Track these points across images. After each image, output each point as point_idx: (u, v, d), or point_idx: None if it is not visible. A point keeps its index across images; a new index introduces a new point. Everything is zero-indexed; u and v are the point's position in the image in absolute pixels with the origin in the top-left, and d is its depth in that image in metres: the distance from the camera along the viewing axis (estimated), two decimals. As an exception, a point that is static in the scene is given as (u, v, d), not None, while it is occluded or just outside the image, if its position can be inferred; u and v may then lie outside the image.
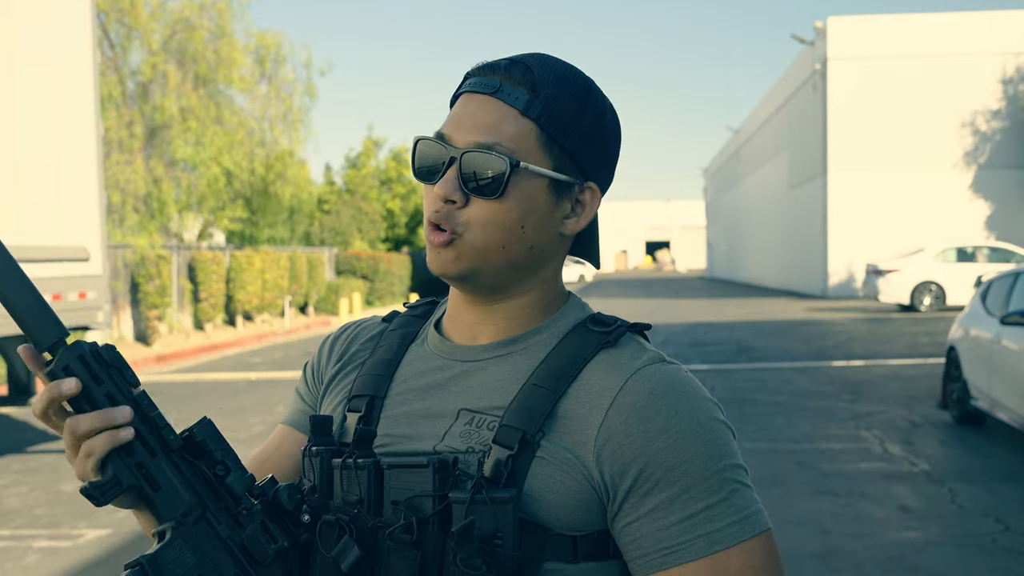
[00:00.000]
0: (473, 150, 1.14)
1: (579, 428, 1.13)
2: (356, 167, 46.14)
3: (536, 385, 1.16)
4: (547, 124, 1.17)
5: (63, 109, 8.27)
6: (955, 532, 5.98)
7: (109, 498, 1.03)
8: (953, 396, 9.39)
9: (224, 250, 23.90)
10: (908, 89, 30.69)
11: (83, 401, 1.04)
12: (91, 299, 8.50)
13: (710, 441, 1.11)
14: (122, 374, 1.05)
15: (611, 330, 1.20)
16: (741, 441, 8.47)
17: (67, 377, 1.03)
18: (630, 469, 1.10)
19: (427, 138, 1.19)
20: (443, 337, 1.27)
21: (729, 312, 25.97)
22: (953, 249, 23.88)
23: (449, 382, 1.22)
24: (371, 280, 32.90)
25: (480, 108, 1.17)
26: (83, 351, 1.03)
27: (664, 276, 67.93)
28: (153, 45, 21.57)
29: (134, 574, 1.01)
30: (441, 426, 1.18)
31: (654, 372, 1.15)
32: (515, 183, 1.15)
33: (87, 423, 1.03)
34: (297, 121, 25.10)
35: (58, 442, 9.36)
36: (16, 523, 6.57)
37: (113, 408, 1.03)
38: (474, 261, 1.17)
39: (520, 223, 1.17)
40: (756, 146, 46.55)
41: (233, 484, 1.06)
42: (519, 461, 1.11)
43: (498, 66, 1.18)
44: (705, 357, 15.10)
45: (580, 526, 1.12)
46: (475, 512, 1.08)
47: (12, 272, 1.04)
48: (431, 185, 1.18)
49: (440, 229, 1.17)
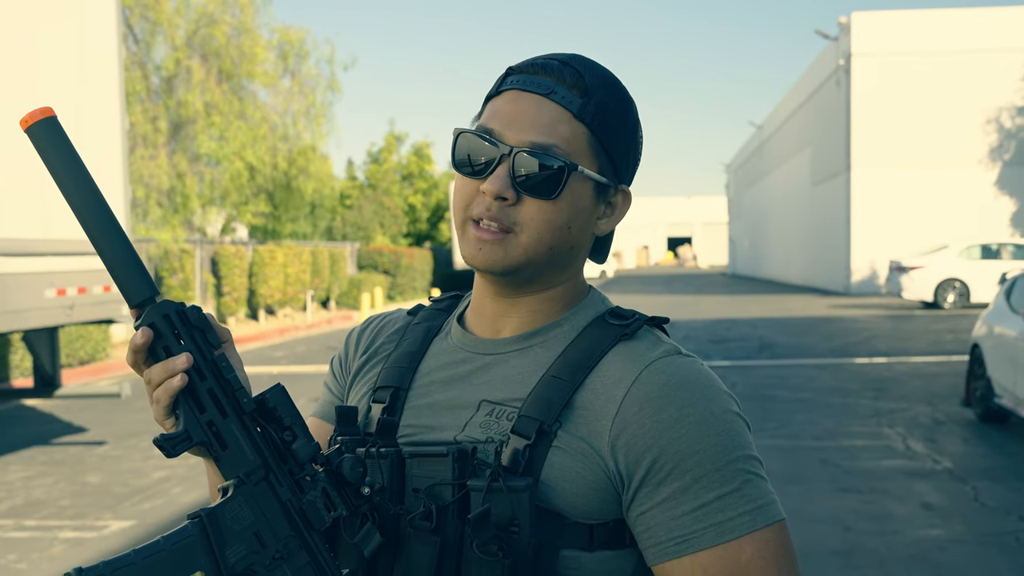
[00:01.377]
0: (528, 149, 1.16)
1: (595, 418, 1.15)
2: (378, 162, 46.23)
3: (554, 377, 1.18)
4: (598, 128, 1.19)
5: (89, 104, 8.33)
6: (978, 530, 5.95)
7: (178, 451, 1.06)
8: (977, 394, 9.34)
9: (247, 244, 24.01)
10: (932, 85, 30.47)
11: (163, 356, 1.08)
12: (115, 293, 8.55)
13: (723, 432, 1.12)
14: (204, 335, 1.09)
15: (628, 323, 1.22)
16: (762, 438, 8.48)
17: (160, 330, 1.07)
18: (644, 459, 1.12)
19: (472, 132, 1.20)
20: (465, 331, 1.29)
21: (751, 308, 25.89)
22: (977, 246, 23.72)
23: (471, 374, 1.25)
24: (393, 275, 32.98)
25: (534, 108, 1.17)
26: (169, 310, 1.07)
27: (686, 272, 67.75)
28: (177, 40, 21.67)
29: (193, 525, 1.05)
30: (462, 417, 1.21)
31: (668, 363, 1.17)
32: (569, 185, 1.17)
33: (154, 373, 1.08)
34: (320, 116, 25.16)
35: (83, 434, 9.45)
36: (42, 514, 6.63)
37: (174, 357, 1.07)
38: (520, 258, 1.18)
39: (568, 224, 1.19)
40: (779, 142, 46.35)
41: (299, 450, 1.08)
42: (536, 450, 1.14)
43: (549, 67, 1.19)
44: (727, 353, 15.06)
45: (596, 515, 1.14)
46: (492, 500, 1.10)
47: (113, 231, 1.07)
48: (477, 180, 1.19)
49: (488, 225, 1.18)
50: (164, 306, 1.07)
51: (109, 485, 7.40)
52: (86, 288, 8.13)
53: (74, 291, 7.95)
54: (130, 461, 8.20)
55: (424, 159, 46.98)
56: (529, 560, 1.09)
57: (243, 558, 1.06)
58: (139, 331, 1.07)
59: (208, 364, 1.08)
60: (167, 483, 7.41)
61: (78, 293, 8.00)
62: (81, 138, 8.16)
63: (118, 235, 1.07)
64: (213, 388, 1.08)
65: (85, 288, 8.11)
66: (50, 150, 1.06)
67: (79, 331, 14.27)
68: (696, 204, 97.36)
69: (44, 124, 1.05)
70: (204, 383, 1.07)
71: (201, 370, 1.07)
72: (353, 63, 36.15)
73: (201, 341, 1.08)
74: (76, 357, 14.35)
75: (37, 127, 1.05)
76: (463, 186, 1.20)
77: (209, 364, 1.08)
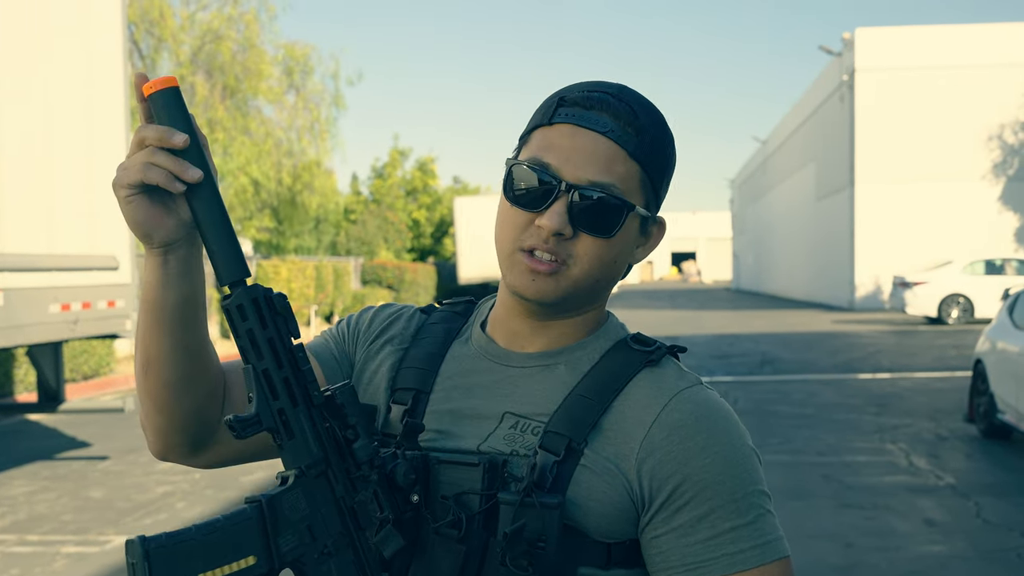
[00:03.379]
0: (588, 188, 1.17)
1: (623, 440, 1.18)
2: (382, 177, 46.33)
3: (582, 396, 1.20)
4: (650, 166, 1.22)
5: (96, 120, 8.37)
6: (981, 547, 5.94)
7: (247, 434, 1.06)
8: (980, 410, 9.33)
9: (251, 259, 24.04)
10: (935, 100, 30.50)
11: (247, 340, 1.08)
12: (120, 308, 8.59)
13: (742, 466, 1.17)
14: (287, 324, 1.09)
15: (652, 350, 1.25)
16: (765, 453, 8.47)
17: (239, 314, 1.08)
18: (667, 484, 1.16)
19: (528, 165, 1.20)
20: (489, 339, 1.30)
21: (755, 324, 25.87)
22: (981, 262, 23.71)
23: (495, 385, 1.26)
24: (396, 290, 32.99)
25: (592, 144, 1.18)
26: (258, 294, 1.08)
27: (690, 287, 67.72)
28: (182, 56, 21.77)
29: (252, 509, 1.07)
30: (485, 427, 1.22)
31: (695, 394, 1.21)
32: (624, 224, 1.20)
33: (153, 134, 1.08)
34: (324, 132, 25.24)
35: (86, 449, 9.45)
36: (44, 529, 6.64)
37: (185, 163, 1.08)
38: (570, 291, 1.21)
39: (616, 259, 1.23)
40: (783, 157, 46.39)
41: (359, 450, 1.10)
42: (564, 467, 1.16)
43: (605, 103, 1.20)
44: (729, 369, 15.06)
45: (616, 534, 1.17)
46: (523, 514, 1.12)
47: (217, 207, 1.09)
48: (530, 212, 1.19)
49: (542, 256, 1.19)
50: (254, 289, 1.09)
51: (112, 500, 7.41)
52: (90, 303, 8.15)
53: (78, 306, 7.97)
54: (133, 476, 8.21)
55: (428, 174, 47.07)
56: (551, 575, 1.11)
57: (293, 548, 1.08)
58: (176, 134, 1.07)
59: (286, 352, 1.09)
60: (170, 498, 7.42)
61: (82, 308, 8.02)
62: (89, 153, 8.21)
63: (221, 211, 1.09)
64: (288, 377, 1.09)
65: (90, 303, 8.14)
66: (167, 119, 1.07)
67: (83, 346, 14.29)
68: (700, 219, 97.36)
69: (166, 93, 1.07)
70: (281, 371, 1.08)
71: (280, 358, 1.08)
72: (359, 78, 36.42)
73: (283, 329, 1.09)
74: (80, 372, 14.37)
75: (158, 95, 1.07)
76: (514, 216, 1.21)
77: (287, 352, 1.09)
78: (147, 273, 1.14)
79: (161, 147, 1.07)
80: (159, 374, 1.17)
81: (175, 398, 1.19)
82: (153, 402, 1.20)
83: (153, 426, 1.22)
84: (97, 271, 8.28)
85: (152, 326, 1.16)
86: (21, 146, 7.50)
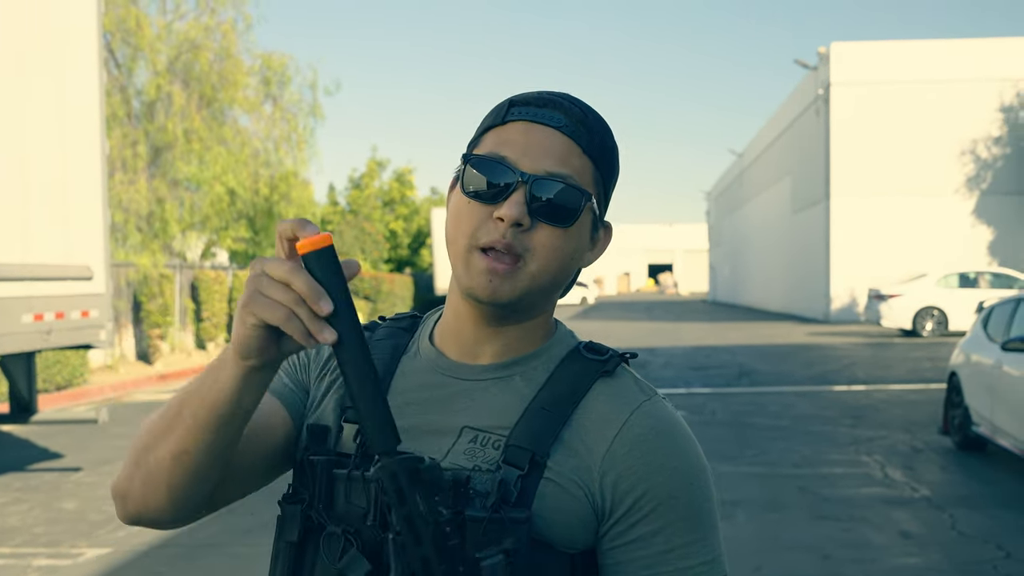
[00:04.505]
0: (546, 177, 1.17)
1: (585, 453, 1.18)
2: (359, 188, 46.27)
3: (543, 409, 1.20)
4: (602, 166, 1.23)
5: (70, 128, 8.32)
6: (956, 559, 5.96)
7: None
8: (955, 422, 9.38)
9: (227, 269, 23.95)
10: (911, 114, 30.77)
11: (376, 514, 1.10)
12: (94, 317, 8.52)
13: (698, 482, 1.20)
14: (433, 496, 1.03)
15: (606, 359, 1.25)
16: (741, 465, 8.50)
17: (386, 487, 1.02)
18: (628, 497, 1.17)
19: (487, 157, 1.19)
20: (439, 352, 1.28)
21: (731, 336, 25.96)
22: (955, 275, 23.90)
23: (451, 399, 1.24)
24: (373, 301, 32.93)
25: (547, 139, 1.19)
26: (396, 471, 1.02)
27: (666, 299, 67.91)
28: (159, 66, 21.66)
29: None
30: (444, 443, 1.20)
31: (654, 408, 1.22)
32: (581, 216, 1.20)
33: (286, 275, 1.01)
34: (302, 142, 25.15)
35: (59, 460, 9.36)
36: (16, 541, 6.56)
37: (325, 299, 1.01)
38: (526, 288, 1.19)
39: (572, 254, 1.22)
40: (759, 170, 46.65)
41: None
42: (528, 481, 1.15)
43: (556, 102, 1.21)
44: (706, 381, 15.09)
45: (580, 543, 1.17)
46: (491, 530, 1.10)
47: (371, 375, 1.02)
48: (488, 206, 1.18)
49: (503, 254, 1.17)
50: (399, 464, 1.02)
51: (84, 512, 7.33)
52: (64, 313, 8.08)
53: (52, 316, 7.90)
54: (105, 488, 8.13)
55: (406, 185, 47.05)
56: None
57: None
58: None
59: (428, 529, 1.02)
60: (143, 510, 7.34)
61: (56, 318, 7.95)
62: (63, 162, 8.15)
63: (374, 375, 1.03)
64: (428, 557, 1.02)
65: (63, 313, 8.07)
66: (321, 278, 1.01)
67: (56, 356, 14.17)
68: (677, 231, 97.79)
69: (322, 254, 1.01)
70: (419, 548, 1.02)
71: (419, 535, 1.02)
72: (337, 88, 36.27)
73: (429, 504, 1.03)
74: (53, 382, 14.24)
75: (313, 256, 1.01)
76: (470, 212, 1.19)
77: (430, 529, 1.02)
78: (222, 379, 1.08)
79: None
80: (188, 466, 1.13)
81: (194, 485, 1.15)
82: (166, 485, 1.15)
83: (144, 501, 1.17)
84: (71, 281, 8.22)
85: (204, 427, 1.11)
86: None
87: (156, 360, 19.21)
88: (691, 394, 13.42)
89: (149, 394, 15.35)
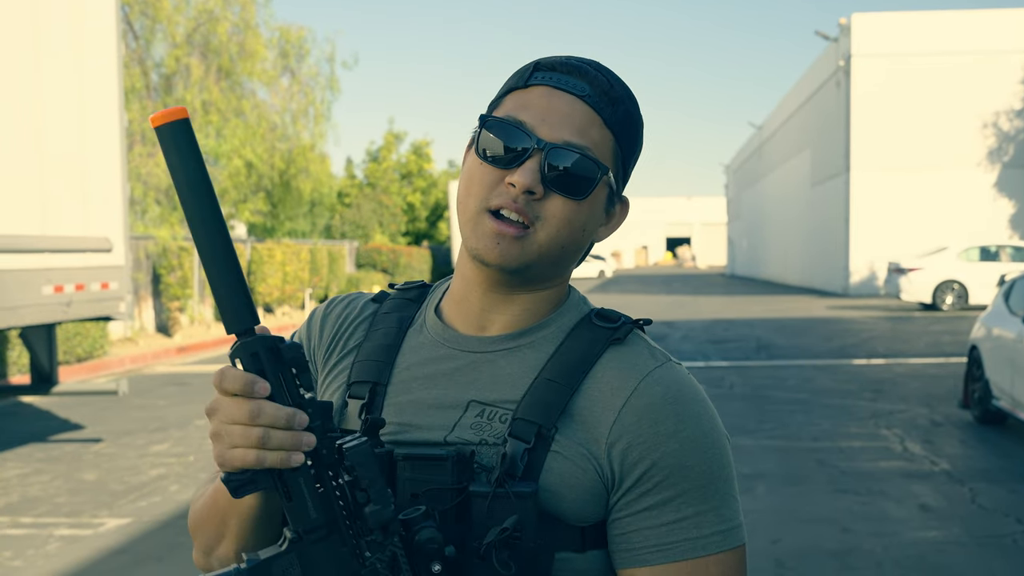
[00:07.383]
0: (563, 147, 1.15)
1: (593, 425, 1.15)
2: (377, 161, 46.28)
3: (550, 380, 1.17)
4: (623, 140, 1.20)
5: (89, 101, 8.32)
6: (976, 532, 5.94)
7: (242, 494, 1.01)
8: (975, 396, 9.34)
9: (245, 242, 24.00)
10: (932, 86, 30.48)
11: None
12: (113, 290, 8.55)
13: (712, 450, 1.16)
14: (296, 377, 1.02)
15: (617, 327, 1.22)
16: (760, 438, 8.49)
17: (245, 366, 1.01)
18: (637, 467, 1.14)
19: (503, 121, 1.17)
20: (445, 324, 1.27)
21: (749, 309, 25.89)
22: (976, 248, 23.73)
23: (456, 372, 1.22)
24: (391, 273, 32.99)
25: (568, 107, 1.16)
26: (260, 348, 1.00)
27: (684, 272, 67.77)
28: (177, 38, 21.67)
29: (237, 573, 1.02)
30: (450, 417, 1.18)
31: (665, 374, 1.18)
32: (596, 189, 1.18)
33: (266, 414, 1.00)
34: (319, 115, 25.17)
35: (79, 431, 9.43)
36: (38, 511, 6.62)
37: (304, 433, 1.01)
38: (535, 256, 1.16)
39: (584, 226, 1.19)
40: (779, 143, 46.36)
41: (370, 516, 1.02)
42: (535, 455, 1.13)
43: (583, 70, 1.18)
44: (725, 354, 15.06)
45: (590, 517, 1.15)
46: (496, 505, 1.09)
47: (224, 250, 1.01)
48: (501, 170, 1.16)
49: (513, 220, 1.15)
50: (257, 343, 1.00)
51: (105, 482, 7.39)
52: (84, 285, 8.11)
53: (72, 288, 7.93)
54: (126, 458, 8.19)
55: (423, 158, 47.02)
56: (531, 564, 1.09)
57: None
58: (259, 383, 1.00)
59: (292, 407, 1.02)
60: (163, 481, 7.40)
61: (76, 290, 7.99)
62: (81, 134, 8.16)
63: (228, 255, 1.01)
64: None
65: (83, 285, 8.10)
66: (175, 153, 1.00)
67: (76, 328, 14.25)
68: (695, 204, 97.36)
69: (175, 125, 0.99)
70: None
71: None
72: (355, 62, 36.08)
73: (289, 383, 1.02)
74: (73, 354, 14.34)
75: (167, 127, 0.99)
76: (483, 175, 1.17)
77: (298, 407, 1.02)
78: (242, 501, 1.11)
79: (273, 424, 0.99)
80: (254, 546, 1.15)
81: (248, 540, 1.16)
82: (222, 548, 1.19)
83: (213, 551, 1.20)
84: (91, 253, 8.24)
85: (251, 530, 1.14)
86: (13, 128, 7.45)
87: (175, 332, 19.31)
88: (709, 367, 13.40)
89: (169, 366, 15.43)
